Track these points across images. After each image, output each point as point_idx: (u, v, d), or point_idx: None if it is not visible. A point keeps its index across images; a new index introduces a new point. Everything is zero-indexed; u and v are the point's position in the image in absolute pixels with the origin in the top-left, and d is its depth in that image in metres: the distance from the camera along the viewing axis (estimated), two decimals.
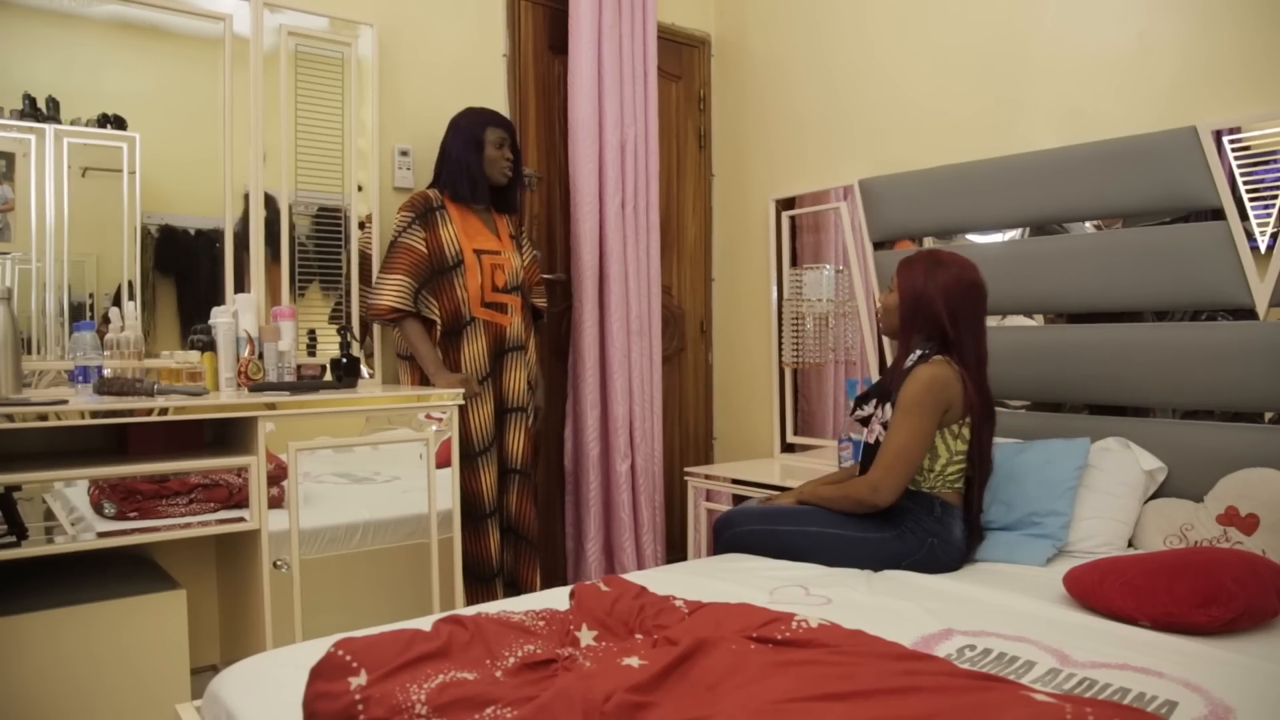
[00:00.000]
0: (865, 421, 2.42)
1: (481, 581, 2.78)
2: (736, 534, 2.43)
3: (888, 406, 2.32)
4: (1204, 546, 2.19)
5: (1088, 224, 2.69)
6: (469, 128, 2.84)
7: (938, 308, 2.28)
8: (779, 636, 1.50)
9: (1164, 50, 2.53)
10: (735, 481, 3.14)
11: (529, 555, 2.96)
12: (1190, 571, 1.78)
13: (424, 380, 2.76)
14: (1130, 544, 2.39)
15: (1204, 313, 2.45)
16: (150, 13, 2.57)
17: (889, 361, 3.14)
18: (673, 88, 3.83)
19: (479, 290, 2.81)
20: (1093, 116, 2.65)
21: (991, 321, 2.89)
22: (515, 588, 2.94)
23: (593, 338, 3.28)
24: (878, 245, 3.19)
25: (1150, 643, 1.69)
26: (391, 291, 2.68)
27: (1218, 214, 2.35)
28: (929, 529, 2.24)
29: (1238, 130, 2.32)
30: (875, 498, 2.25)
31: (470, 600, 2.72)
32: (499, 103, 3.28)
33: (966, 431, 2.28)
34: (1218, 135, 2.34)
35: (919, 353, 2.32)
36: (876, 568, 2.25)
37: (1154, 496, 2.44)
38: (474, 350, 2.79)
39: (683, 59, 3.87)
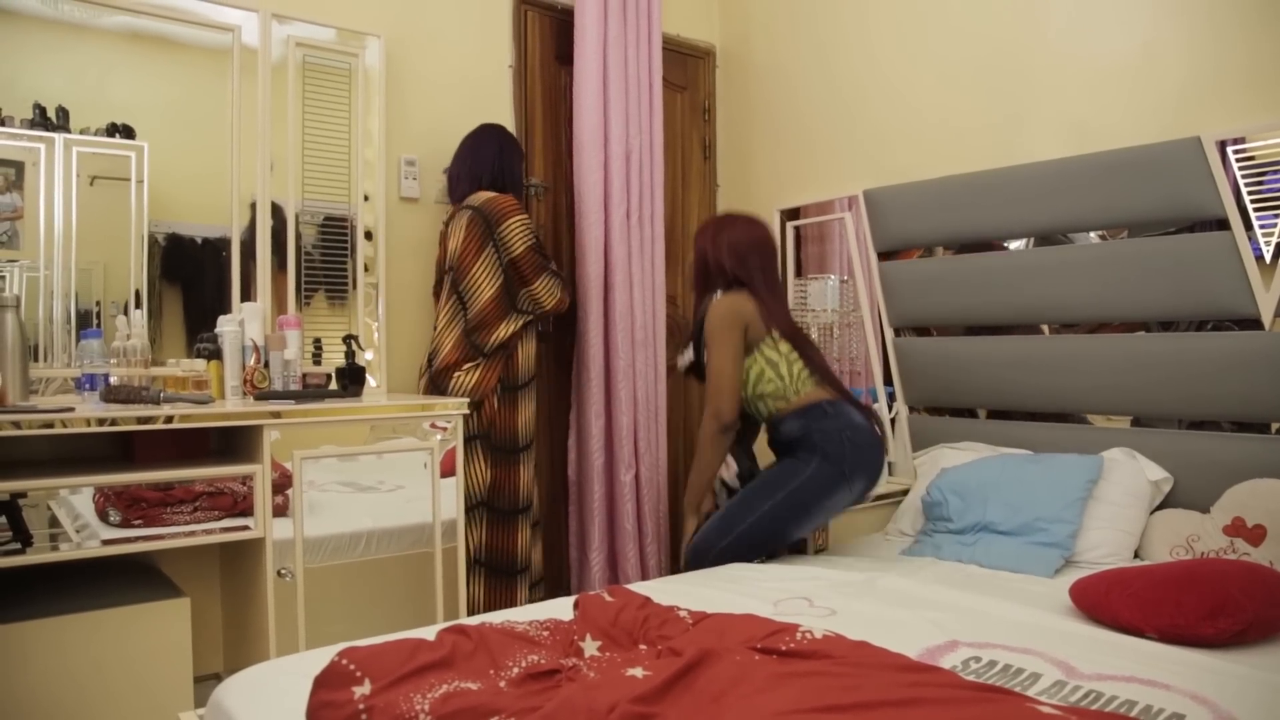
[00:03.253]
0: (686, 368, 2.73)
1: (505, 577, 2.79)
2: (716, 557, 2.46)
3: (689, 349, 2.65)
4: (1211, 558, 2.19)
5: (1092, 234, 2.69)
6: (516, 146, 3.00)
7: (724, 262, 2.58)
8: (784, 647, 1.50)
9: (1168, 61, 2.53)
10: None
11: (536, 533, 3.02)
12: (1197, 583, 1.78)
13: (507, 378, 2.82)
14: (1136, 555, 2.38)
15: (1209, 323, 2.45)
16: (160, 24, 2.58)
17: (894, 369, 3.15)
18: (678, 98, 3.83)
19: None
20: (1097, 127, 2.66)
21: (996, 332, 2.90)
22: (536, 575, 2.97)
23: (597, 348, 3.28)
24: (883, 256, 3.19)
25: (1157, 655, 1.69)
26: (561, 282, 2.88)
27: (1222, 224, 2.35)
28: (834, 428, 2.43)
29: (1242, 140, 2.32)
30: (720, 420, 2.48)
31: (489, 596, 2.75)
32: (505, 114, 3.29)
33: (784, 345, 2.51)
34: (1222, 146, 2.34)
35: (716, 295, 2.57)
36: (838, 498, 2.42)
37: (1160, 507, 2.44)
38: (528, 350, 2.90)
39: (688, 69, 3.88)
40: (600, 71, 3.26)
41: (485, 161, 2.90)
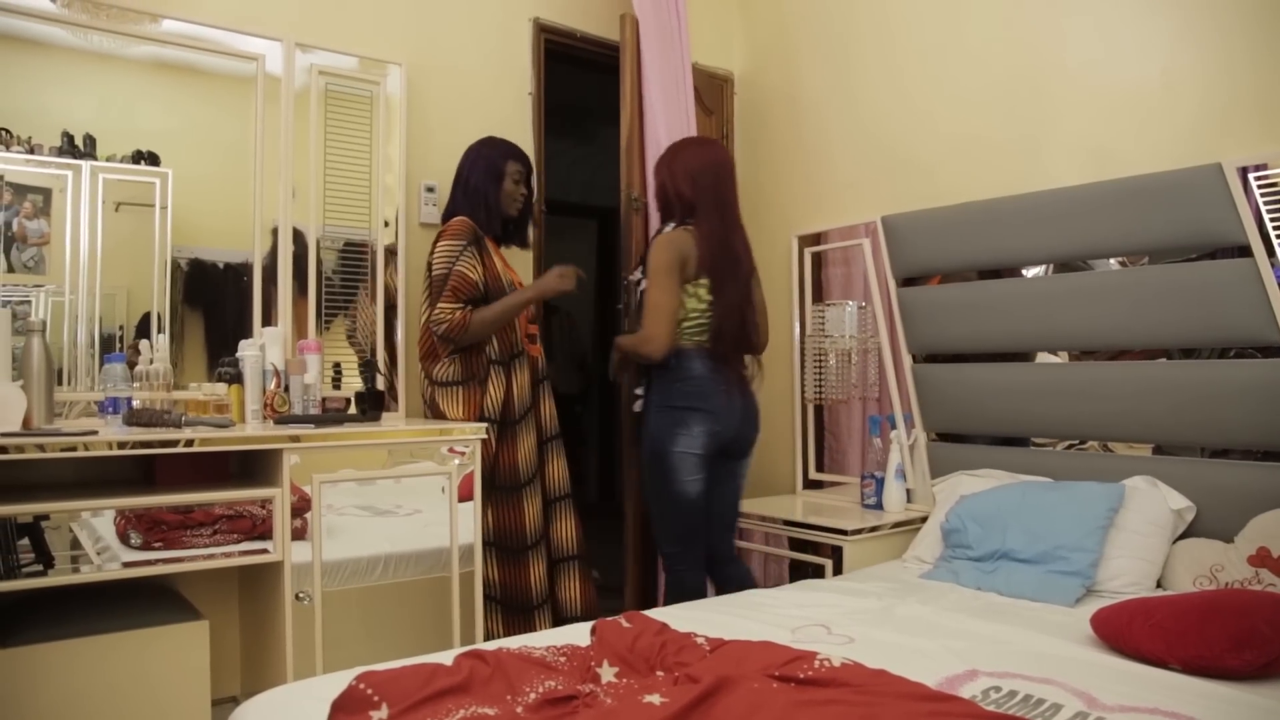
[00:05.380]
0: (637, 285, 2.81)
1: (522, 613, 2.77)
2: (668, 549, 2.71)
3: (639, 270, 2.76)
4: (1235, 588, 2.16)
5: (1113, 261, 2.68)
6: (491, 158, 2.85)
7: (682, 190, 2.67)
8: (801, 675, 1.49)
9: (1187, 87, 2.53)
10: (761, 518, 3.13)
11: (579, 571, 2.93)
12: (1222, 614, 1.75)
13: (478, 407, 2.72)
14: (1159, 584, 2.35)
15: (1231, 350, 2.43)
16: (185, 53, 2.63)
17: (912, 395, 3.13)
18: (707, 122, 3.83)
19: (525, 322, 2.86)
20: (1117, 153, 2.65)
21: (1015, 358, 2.89)
22: (569, 612, 2.91)
23: None
24: (902, 282, 3.18)
25: (1181, 686, 1.66)
26: (458, 308, 2.65)
27: (1244, 251, 2.34)
28: (670, 377, 2.64)
29: (1264, 167, 2.31)
30: (646, 347, 2.61)
31: (510, 633, 2.71)
32: (525, 140, 3.32)
33: (704, 291, 2.63)
34: (1243, 172, 2.33)
35: (667, 227, 2.69)
36: (683, 441, 2.60)
37: (1183, 536, 2.41)
38: (521, 382, 2.81)
39: (711, 95, 3.89)
40: (660, 95, 3.23)
41: (453, 186, 2.85)
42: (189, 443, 2.14)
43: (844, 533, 2.82)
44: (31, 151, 2.40)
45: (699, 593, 2.69)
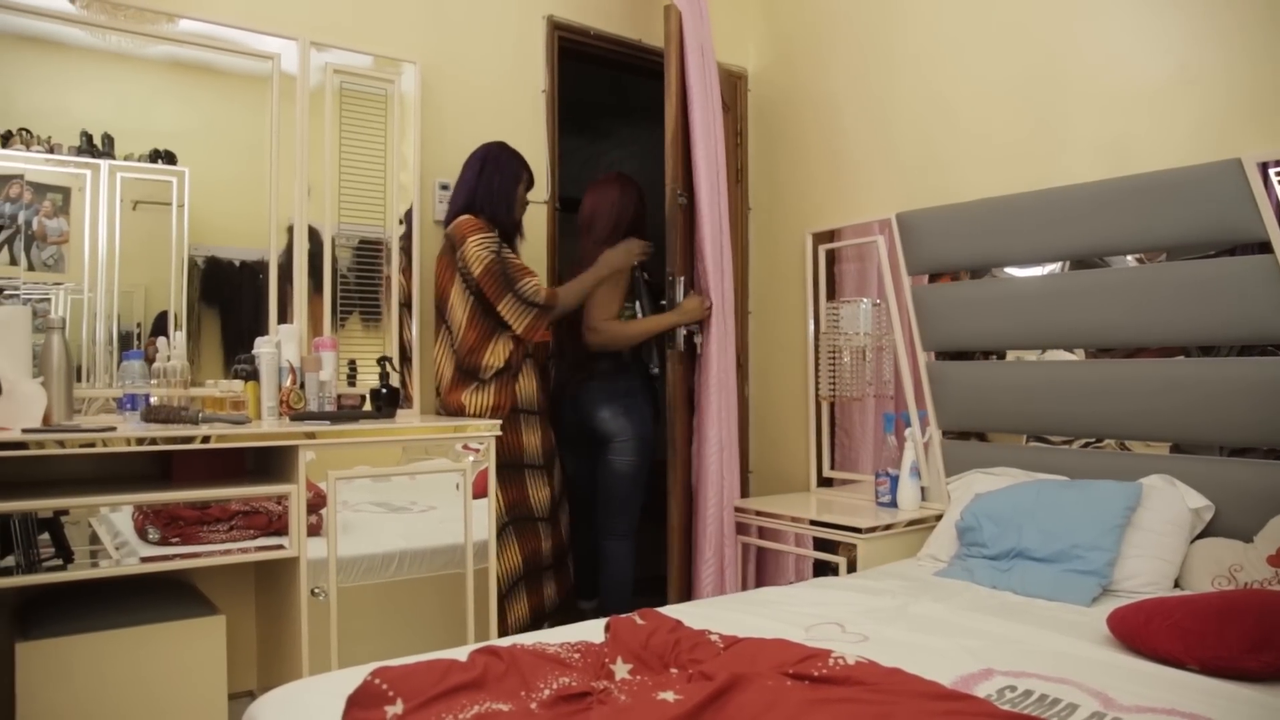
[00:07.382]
0: None
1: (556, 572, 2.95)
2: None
3: None
4: (1255, 589, 2.14)
5: (1129, 258, 2.66)
6: (513, 164, 2.94)
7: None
8: (816, 673, 1.49)
9: (1206, 83, 2.50)
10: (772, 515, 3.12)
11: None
12: (1241, 615, 1.74)
13: (513, 401, 2.83)
14: (1177, 584, 2.33)
15: (1252, 348, 2.41)
16: (202, 52, 2.65)
17: (927, 392, 3.12)
18: (725, 118, 3.81)
19: None
20: (1134, 149, 2.63)
21: (1030, 356, 2.88)
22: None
23: (716, 368, 3.24)
24: (916, 279, 3.16)
25: (1198, 687, 1.65)
26: (537, 280, 2.84)
27: (1265, 247, 2.32)
28: None
29: None
30: None
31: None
32: (539, 138, 3.33)
33: None
34: (1264, 167, 2.30)
35: None
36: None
37: (1201, 536, 2.39)
38: (533, 382, 2.92)
39: (726, 90, 3.87)
40: (700, 89, 3.22)
41: (465, 184, 2.89)
42: (206, 439, 2.16)
43: (858, 530, 2.81)
44: (51, 151, 2.42)
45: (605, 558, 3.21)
